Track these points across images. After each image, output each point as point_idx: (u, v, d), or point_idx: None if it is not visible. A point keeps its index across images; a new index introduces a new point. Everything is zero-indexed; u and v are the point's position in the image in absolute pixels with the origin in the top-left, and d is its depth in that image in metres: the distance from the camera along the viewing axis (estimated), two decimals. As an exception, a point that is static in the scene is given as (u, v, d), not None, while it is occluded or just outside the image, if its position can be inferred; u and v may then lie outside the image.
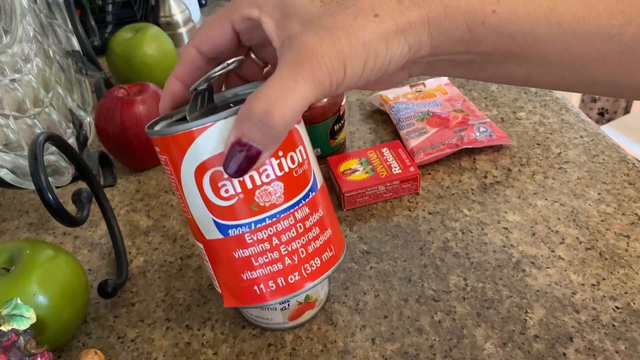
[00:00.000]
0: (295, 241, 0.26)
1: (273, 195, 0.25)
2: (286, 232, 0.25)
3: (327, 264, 0.27)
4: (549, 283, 0.38)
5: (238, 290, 0.27)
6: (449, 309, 0.37)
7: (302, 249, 0.26)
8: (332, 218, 0.28)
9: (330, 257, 0.27)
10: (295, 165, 0.25)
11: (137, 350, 0.37)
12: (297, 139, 0.26)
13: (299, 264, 0.26)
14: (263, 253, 0.25)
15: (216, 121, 0.23)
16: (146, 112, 0.50)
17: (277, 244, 0.25)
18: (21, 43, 0.46)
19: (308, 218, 0.26)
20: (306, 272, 0.26)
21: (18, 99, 0.43)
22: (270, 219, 0.25)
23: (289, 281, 0.26)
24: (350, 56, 0.22)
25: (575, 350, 0.34)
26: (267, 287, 0.26)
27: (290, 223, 0.25)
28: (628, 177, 0.46)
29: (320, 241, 0.27)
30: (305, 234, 0.26)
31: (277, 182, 0.25)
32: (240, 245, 0.25)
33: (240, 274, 0.26)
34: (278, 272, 0.26)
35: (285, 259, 0.26)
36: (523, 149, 0.50)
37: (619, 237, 0.41)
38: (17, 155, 0.40)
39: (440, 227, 0.43)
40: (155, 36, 0.63)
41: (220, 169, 0.24)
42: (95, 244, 0.47)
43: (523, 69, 0.24)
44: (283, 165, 0.25)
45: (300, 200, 0.26)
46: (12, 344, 0.30)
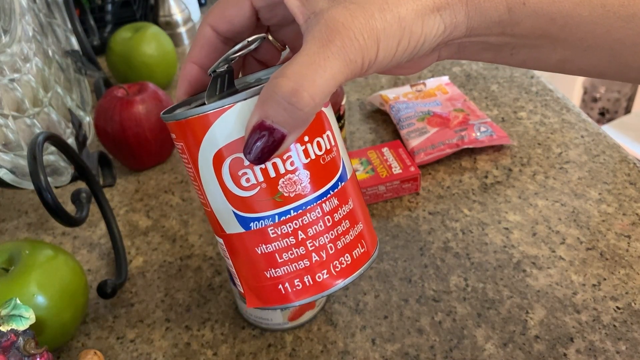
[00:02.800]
0: (323, 236, 0.23)
1: (298, 184, 0.23)
2: (313, 225, 0.23)
3: (358, 261, 0.25)
4: (549, 283, 0.38)
5: (261, 289, 0.25)
6: (449, 309, 0.37)
7: (331, 244, 0.24)
8: (363, 211, 0.26)
9: (362, 253, 0.25)
10: (323, 152, 0.23)
11: (137, 351, 0.37)
12: (325, 124, 0.24)
13: (327, 260, 0.24)
14: (288, 248, 0.23)
15: (235, 103, 0.21)
16: (145, 111, 0.49)
17: (303, 239, 0.23)
18: (20, 42, 0.46)
19: (337, 210, 0.24)
20: (335, 269, 0.24)
21: (17, 99, 0.43)
22: (295, 211, 0.23)
23: (316, 280, 0.24)
24: (384, 33, 0.20)
25: (576, 351, 0.33)
26: (292, 287, 0.24)
27: (318, 215, 0.23)
28: (629, 177, 0.46)
29: (351, 236, 0.24)
30: (334, 227, 0.24)
31: (302, 171, 0.23)
32: (263, 240, 0.23)
33: (264, 271, 0.24)
34: (305, 269, 0.24)
35: (313, 255, 0.24)
36: (524, 149, 0.50)
37: (619, 237, 0.40)
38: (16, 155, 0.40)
39: (440, 227, 0.43)
40: (155, 36, 0.63)
41: (240, 155, 0.22)
42: (94, 244, 0.46)
43: (558, 53, 0.23)
44: (309, 151, 0.23)
45: (329, 190, 0.23)
46: (11, 345, 0.29)
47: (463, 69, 0.64)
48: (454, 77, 0.62)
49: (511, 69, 0.63)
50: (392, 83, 0.63)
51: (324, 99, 0.20)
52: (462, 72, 0.64)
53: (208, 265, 0.43)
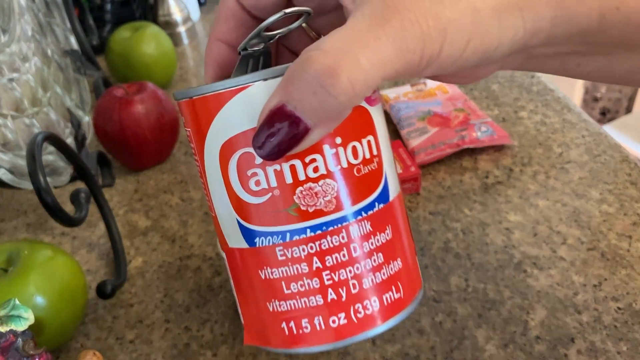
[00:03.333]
0: (345, 268, 0.19)
1: (320, 197, 0.18)
2: (334, 253, 0.18)
3: (388, 309, 0.19)
4: (550, 284, 0.38)
5: (261, 324, 0.20)
6: (450, 309, 0.37)
7: (355, 282, 0.19)
8: (406, 245, 0.21)
9: (395, 300, 0.20)
10: (359, 162, 0.18)
11: (136, 352, 0.37)
12: (367, 125, 0.19)
13: (347, 302, 0.19)
14: (298, 277, 0.19)
15: (254, 82, 0.17)
16: (145, 111, 0.49)
17: (319, 269, 0.19)
18: (19, 42, 0.46)
19: (368, 239, 0.19)
20: (357, 315, 0.19)
21: (16, 99, 0.43)
22: (313, 231, 0.18)
23: (330, 324, 0.19)
24: (453, 25, 0.16)
25: (576, 351, 0.33)
26: (298, 328, 0.19)
27: (342, 242, 0.18)
28: (630, 177, 0.46)
29: (384, 275, 0.19)
30: (361, 260, 0.19)
31: (328, 181, 0.18)
32: (269, 262, 0.19)
33: (266, 302, 0.20)
34: (316, 308, 0.19)
35: (329, 291, 0.19)
36: (525, 149, 0.50)
37: (621, 238, 0.40)
38: (15, 155, 0.39)
39: (441, 228, 0.43)
40: (154, 35, 0.63)
41: (252, 150, 0.18)
42: (93, 244, 0.46)
43: (631, 62, 0.20)
44: (340, 157, 0.18)
45: (360, 211, 0.19)
46: (10, 345, 0.29)
47: (463, 69, 0.64)
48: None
49: (512, 69, 0.63)
50: (392, 82, 0.63)
51: (366, 91, 0.16)
52: (463, 71, 0.63)
53: (208, 265, 0.43)
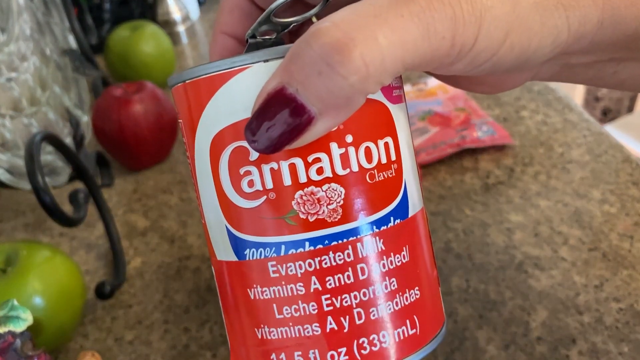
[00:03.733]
0: (349, 293, 0.16)
1: (324, 204, 0.15)
2: (336, 273, 0.16)
3: (400, 348, 0.16)
4: (551, 284, 0.37)
5: (246, 353, 0.18)
6: (450, 310, 0.36)
7: (360, 310, 0.16)
8: (426, 272, 0.18)
9: (409, 337, 0.16)
10: (372, 166, 0.16)
11: (135, 352, 0.37)
12: (386, 125, 0.16)
13: (349, 334, 0.16)
14: (293, 300, 0.16)
15: (252, 63, 0.15)
16: (144, 111, 0.49)
17: (317, 291, 0.16)
18: (18, 41, 0.46)
19: (380, 260, 0.16)
20: (361, 352, 0.16)
21: (14, 98, 0.43)
22: (312, 245, 0.15)
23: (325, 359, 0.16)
24: (490, 12, 0.14)
25: (578, 352, 0.33)
26: None
27: (347, 260, 0.16)
28: (632, 177, 0.45)
29: (396, 305, 0.16)
30: (369, 285, 0.16)
31: (334, 185, 0.15)
32: (260, 280, 0.16)
33: (255, 327, 0.17)
34: (312, 339, 0.16)
35: (328, 320, 0.16)
36: (526, 149, 0.50)
37: (622, 238, 0.40)
38: (13, 155, 0.39)
39: (442, 228, 0.43)
40: (153, 34, 0.63)
41: (246, 144, 0.15)
42: (92, 245, 0.46)
43: None
44: (350, 158, 0.15)
45: (372, 225, 0.16)
46: (8, 346, 0.29)
47: (464, 68, 0.64)
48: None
49: (512, 68, 0.63)
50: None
51: (382, 75, 0.13)
52: (463, 71, 0.63)
53: (207, 266, 0.43)
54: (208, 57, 0.72)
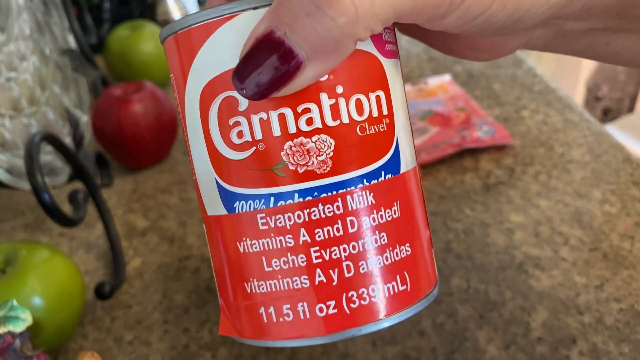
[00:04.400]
0: (339, 246, 0.15)
1: (313, 156, 0.15)
2: (326, 225, 0.15)
3: (390, 303, 0.16)
4: (552, 285, 0.37)
5: (237, 310, 0.17)
6: (451, 311, 0.36)
7: (350, 263, 0.16)
8: (418, 231, 0.17)
9: (399, 293, 0.16)
10: (363, 119, 0.16)
11: (135, 353, 0.36)
12: (378, 78, 0.16)
13: (338, 287, 0.16)
14: (282, 253, 0.16)
15: (242, 11, 0.15)
16: (143, 111, 0.49)
17: (306, 243, 0.15)
18: (17, 41, 0.46)
19: (370, 213, 0.16)
20: (350, 306, 0.16)
21: (14, 98, 0.43)
22: (302, 196, 0.15)
23: (316, 313, 0.16)
24: None
25: (578, 353, 0.33)
26: (278, 315, 0.16)
27: (336, 213, 0.15)
28: (632, 177, 0.45)
29: (386, 260, 0.16)
30: (359, 238, 0.16)
31: (324, 137, 0.15)
32: (249, 232, 0.16)
33: (244, 281, 0.17)
34: (301, 292, 0.16)
35: (317, 272, 0.16)
36: (526, 149, 0.50)
37: (623, 238, 0.40)
38: (12, 155, 0.39)
39: (442, 228, 0.43)
40: (153, 34, 0.63)
41: (236, 94, 0.15)
42: (91, 245, 0.46)
43: None
44: (341, 109, 0.15)
45: (362, 178, 0.16)
46: (8, 347, 0.29)
47: (465, 68, 0.64)
48: (455, 76, 0.62)
49: (513, 68, 0.62)
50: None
51: (373, 21, 0.13)
52: (464, 70, 0.63)
53: (207, 266, 0.42)
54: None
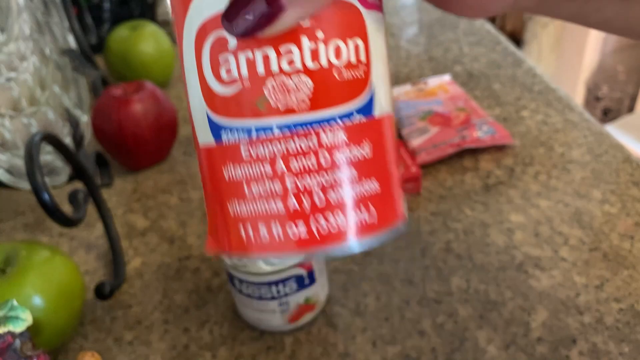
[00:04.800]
0: (311, 175, 0.17)
1: (293, 94, 0.17)
2: (301, 157, 0.17)
3: (356, 230, 0.18)
4: (552, 285, 0.37)
5: (222, 228, 0.19)
6: (451, 311, 0.36)
7: (321, 193, 0.17)
8: (388, 172, 0.19)
9: (365, 222, 0.18)
10: (341, 64, 0.17)
11: (135, 353, 0.36)
12: (357, 27, 0.17)
13: (310, 213, 0.17)
14: (261, 179, 0.18)
15: None
16: (143, 111, 0.49)
17: (282, 172, 0.17)
18: (17, 41, 0.46)
19: (341, 149, 0.17)
20: (318, 229, 0.17)
21: (14, 98, 0.43)
22: (280, 130, 0.17)
23: (287, 233, 0.18)
24: None
25: (578, 353, 0.33)
26: (256, 233, 0.18)
27: (310, 147, 0.17)
28: (632, 177, 0.45)
29: (354, 191, 0.18)
30: (330, 171, 0.17)
31: (304, 77, 0.17)
32: (233, 160, 0.18)
33: (227, 202, 0.19)
34: (276, 215, 0.18)
35: (290, 198, 0.17)
36: (526, 149, 0.50)
37: (623, 238, 0.40)
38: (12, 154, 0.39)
39: (442, 228, 0.43)
40: (153, 34, 0.63)
41: (225, 35, 0.17)
42: (91, 245, 0.46)
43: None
44: (320, 53, 0.17)
45: (336, 117, 0.17)
46: (8, 346, 0.29)
47: (465, 68, 0.64)
48: (455, 76, 0.62)
49: (513, 68, 0.62)
50: (393, 81, 0.63)
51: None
52: (464, 70, 0.63)
53: (207, 266, 0.42)
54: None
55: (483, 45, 0.68)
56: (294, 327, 0.36)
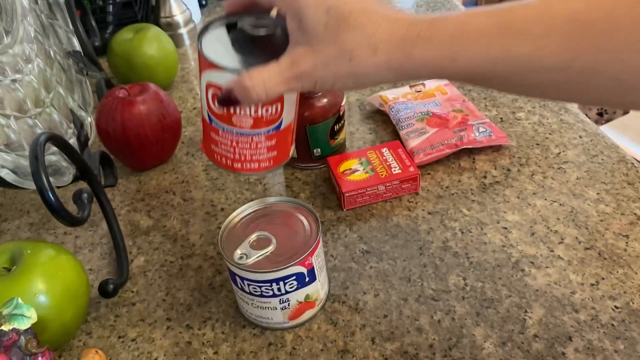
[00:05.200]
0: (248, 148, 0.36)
1: (245, 121, 0.34)
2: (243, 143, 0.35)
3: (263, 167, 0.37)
4: (548, 283, 0.38)
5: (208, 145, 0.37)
6: (448, 308, 0.37)
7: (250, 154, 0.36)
8: (285, 146, 0.37)
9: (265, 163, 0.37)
10: (267, 114, 0.34)
11: (138, 350, 0.37)
12: (278, 99, 0.34)
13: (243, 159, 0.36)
14: (224, 144, 0.35)
15: (226, 70, 0.32)
16: (147, 112, 0.50)
17: (234, 146, 0.35)
18: (22, 43, 0.47)
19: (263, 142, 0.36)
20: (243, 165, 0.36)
21: (19, 99, 0.43)
22: (235, 132, 0.35)
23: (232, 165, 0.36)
24: (321, 80, 0.30)
25: (574, 350, 0.34)
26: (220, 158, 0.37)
27: (249, 140, 0.35)
28: (627, 177, 0.46)
29: (266, 155, 0.36)
30: (256, 148, 0.36)
31: (249, 117, 0.34)
32: (215, 132, 0.35)
33: (212, 141, 0.36)
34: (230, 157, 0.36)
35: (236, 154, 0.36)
36: (522, 149, 0.50)
37: (618, 237, 0.41)
38: (18, 155, 0.40)
39: (439, 227, 0.43)
40: (156, 37, 0.63)
41: (217, 92, 0.33)
42: (95, 243, 0.47)
43: None
44: (258, 110, 0.34)
45: (262, 132, 0.35)
46: (13, 344, 0.30)
47: (462, 70, 0.64)
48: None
49: (510, 70, 0.63)
50: (392, 84, 0.63)
51: (270, 99, 0.32)
52: (462, 72, 0.64)
53: (209, 264, 0.43)
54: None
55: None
56: (295, 324, 0.37)
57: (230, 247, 0.35)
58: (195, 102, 0.65)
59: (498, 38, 0.26)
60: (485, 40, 0.27)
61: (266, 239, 0.36)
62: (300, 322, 0.37)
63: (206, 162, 0.55)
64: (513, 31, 0.26)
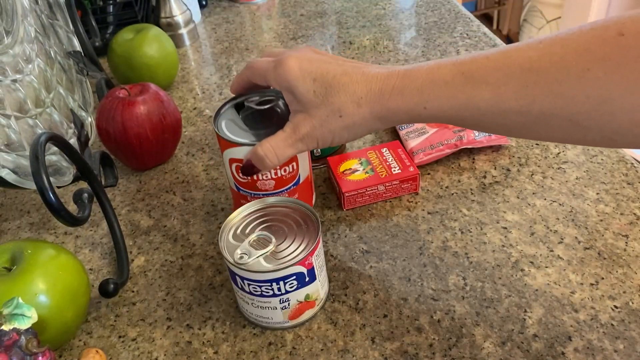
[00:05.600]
0: None
1: (267, 184, 0.41)
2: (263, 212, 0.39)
3: None
4: (547, 282, 0.38)
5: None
6: (448, 308, 0.37)
7: None
8: (309, 195, 0.45)
9: None
10: (286, 173, 0.40)
11: (138, 350, 0.37)
12: (292, 160, 0.40)
13: None
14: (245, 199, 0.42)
15: (243, 145, 0.38)
16: (147, 112, 0.50)
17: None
18: (22, 44, 0.47)
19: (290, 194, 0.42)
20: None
21: (19, 100, 0.43)
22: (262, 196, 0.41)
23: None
24: (321, 138, 0.35)
25: (574, 350, 0.34)
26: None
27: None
28: (626, 177, 0.46)
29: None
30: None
31: (271, 180, 0.41)
32: (244, 199, 0.41)
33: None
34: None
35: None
36: (522, 149, 0.50)
37: (617, 237, 0.41)
38: (18, 155, 0.40)
39: (439, 227, 0.43)
40: (156, 37, 0.64)
41: (239, 165, 0.39)
42: (96, 243, 0.47)
43: None
44: (278, 171, 0.40)
45: (283, 190, 0.41)
46: (13, 343, 0.30)
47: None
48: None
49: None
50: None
51: (282, 163, 0.37)
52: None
53: (209, 264, 0.43)
54: (210, 59, 0.72)
55: (480, 48, 0.69)
56: (295, 323, 0.37)
57: (230, 247, 0.35)
58: (196, 102, 0.65)
59: (461, 87, 0.29)
60: (450, 89, 0.30)
61: (266, 238, 0.36)
62: (300, 322, 0.37)
63: (206, 162, 0.55)
64: (475, 80, 0.29)
